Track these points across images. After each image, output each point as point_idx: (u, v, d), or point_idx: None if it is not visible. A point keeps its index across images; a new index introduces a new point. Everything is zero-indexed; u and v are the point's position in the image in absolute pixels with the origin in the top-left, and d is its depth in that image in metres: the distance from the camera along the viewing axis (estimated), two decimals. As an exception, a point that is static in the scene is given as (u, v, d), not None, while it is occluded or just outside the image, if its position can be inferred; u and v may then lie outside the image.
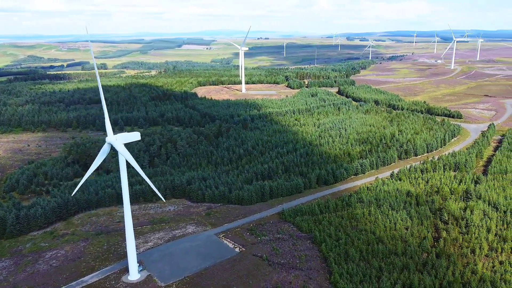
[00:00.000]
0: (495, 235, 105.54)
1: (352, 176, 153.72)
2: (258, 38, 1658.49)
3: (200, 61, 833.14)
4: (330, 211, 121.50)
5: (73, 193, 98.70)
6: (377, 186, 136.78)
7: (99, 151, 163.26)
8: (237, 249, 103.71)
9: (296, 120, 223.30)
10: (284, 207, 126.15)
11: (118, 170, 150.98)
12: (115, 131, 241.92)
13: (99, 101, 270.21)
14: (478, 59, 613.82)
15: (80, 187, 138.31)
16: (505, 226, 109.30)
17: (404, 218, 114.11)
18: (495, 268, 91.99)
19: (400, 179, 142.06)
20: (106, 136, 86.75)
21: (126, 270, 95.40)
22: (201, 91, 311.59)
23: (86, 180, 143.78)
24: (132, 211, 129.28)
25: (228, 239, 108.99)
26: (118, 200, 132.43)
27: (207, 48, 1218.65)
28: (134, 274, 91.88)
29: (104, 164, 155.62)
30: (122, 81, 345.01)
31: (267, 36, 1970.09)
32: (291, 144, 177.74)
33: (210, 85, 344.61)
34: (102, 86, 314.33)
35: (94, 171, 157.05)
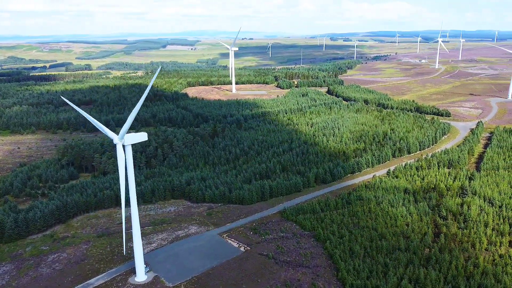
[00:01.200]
0: (493, 229, 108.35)
1: (349, 175, 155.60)
2: (242, 39, 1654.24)
3: (185, 61, 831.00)
4: (331, 209, 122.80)
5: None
6: (374, 183, 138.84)
7: (94, 152, 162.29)
8: (242, 248, 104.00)
9: (289, 119, 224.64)
10: (284, 206, 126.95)
11: (116, 172, 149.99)
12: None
13: (89, 103, 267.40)
14: (460, 59, 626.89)
15: (75, 188, 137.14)
16: (502, 220, 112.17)
17: (404, 214, 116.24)
18: (495, 261, 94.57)
19: (396, 177, 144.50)
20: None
21: (132, 271, 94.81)
22: (191, 92, 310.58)
23: (84, 182, 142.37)
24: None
25: (232, 239, 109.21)
26: (117, 201, 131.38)
27: (191, 49, 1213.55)
28: (141, 275, 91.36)
29: (100, 166, 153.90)
30: (110, 82, 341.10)
31: (252, 37, 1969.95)
32: (286, 144, 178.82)
33: (199, 85, 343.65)
34: (91, 87, 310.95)
35: (91, 173, 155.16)
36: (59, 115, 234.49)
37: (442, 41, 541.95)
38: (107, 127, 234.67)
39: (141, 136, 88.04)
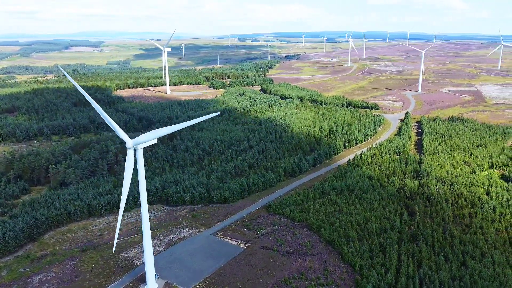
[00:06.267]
0: (452, 204, 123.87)
1: (312, 167, 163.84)
2: (150, 39, 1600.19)
3: (94, 63, 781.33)
4: (311, 199, 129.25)
5: (114, 248, 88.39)
6: (341, 173, 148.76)
7: (46, 163, 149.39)
8: (242, 245, 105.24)
9: (236, 118, 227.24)
10: (265, 201, 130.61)
11: (77, 182, 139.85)
12: (41, 141, 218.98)
13: (12, 110, 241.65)
14: (365, 57, 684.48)
15: (38, 202, 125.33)
16: (457, 196, 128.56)
17: (377, 199, 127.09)
18: (465, 231, 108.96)
19: (357, 165, 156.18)
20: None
21: (138, 281, 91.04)
22: (124, 95, 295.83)
23: (47, 195, 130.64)
24: (110, 222, 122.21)
25: (228, 237, 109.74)
26: (89, 212, 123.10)
27: (97, 50, 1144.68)
28: (152, 283, 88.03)
29: (57, 177, 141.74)
30: (26, 87, 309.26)
31: (159, 38, 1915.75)
32: (245, 142, 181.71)
33: (129, 88, 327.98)
34: (8, 93, 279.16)
35: (44, 185, 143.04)
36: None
37: (343, 41, 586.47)
38: (41, 135, 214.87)
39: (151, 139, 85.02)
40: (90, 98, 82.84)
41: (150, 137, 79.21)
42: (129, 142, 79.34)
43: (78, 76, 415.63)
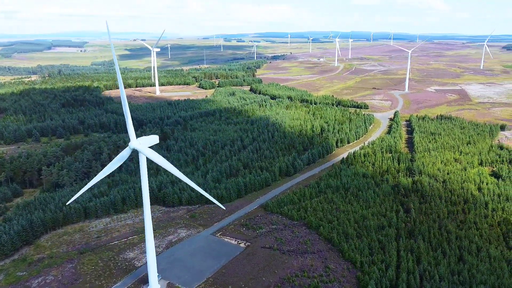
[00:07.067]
0: (445, 201, 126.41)
1: (306, 166, 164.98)
2: (134, 39, 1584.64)
3: (78, 64, 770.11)
4: (307, 198, 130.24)
5: (69, 201, 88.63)
6: (336, 172, 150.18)
7: (38, 165, 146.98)
8: (242, 245, 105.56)
9: (228, 118, 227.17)
10: (262, 200, 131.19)
11: (72, 184, 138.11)
12: (29, 143, 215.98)
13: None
14: (350, 57, 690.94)
15: (33, 204, 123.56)
16: (450, 193, 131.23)
17: (373, 196, 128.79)
18: (460, 226, 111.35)
19: (351, 164, 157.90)
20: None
21: (140, 282, 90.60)
22: (113, 95, 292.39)
23: (41, 197, 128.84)
24: (106, 224, 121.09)
25: (227, 237, 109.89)
26: (85, 214, 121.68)
27: (81, 51, 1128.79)
28: (155, 284, 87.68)
29: (51, 179, 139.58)
30: (11, 88, 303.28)
31: (143, 38, 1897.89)
32: (238, 142, 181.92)
33: (117, 88, 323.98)
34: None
35: (37, 188, 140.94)
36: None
37: (328, 41, 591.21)
38: (30, 137, 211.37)
39: (154, 139, 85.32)
40: (121, 80, 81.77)
41: (149, 155, 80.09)
42: (133, 142, 79.22)
43: (64, 77, 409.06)
